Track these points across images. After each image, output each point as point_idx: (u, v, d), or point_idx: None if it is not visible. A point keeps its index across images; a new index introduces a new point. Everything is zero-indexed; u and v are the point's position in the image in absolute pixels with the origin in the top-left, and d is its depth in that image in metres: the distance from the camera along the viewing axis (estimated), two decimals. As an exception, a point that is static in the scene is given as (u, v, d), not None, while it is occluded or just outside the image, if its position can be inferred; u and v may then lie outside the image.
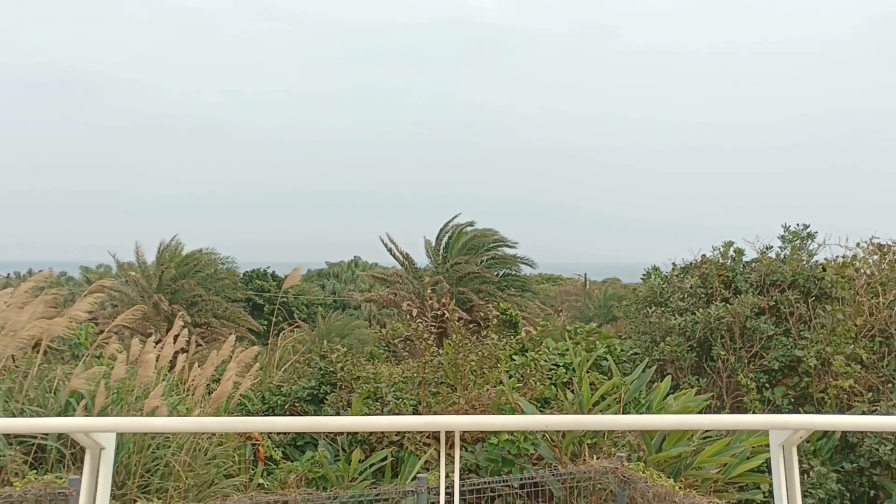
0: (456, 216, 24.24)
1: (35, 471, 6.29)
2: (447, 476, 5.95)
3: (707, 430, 8.37)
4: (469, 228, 24.40)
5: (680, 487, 6.40)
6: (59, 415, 7.07)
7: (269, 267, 38.50)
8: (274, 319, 15.72)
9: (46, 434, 6.84)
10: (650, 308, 11.29)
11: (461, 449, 8.27)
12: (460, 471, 7.86)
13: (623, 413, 8.42)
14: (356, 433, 8.46)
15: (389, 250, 23.42)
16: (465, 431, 8.41)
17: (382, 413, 8.73)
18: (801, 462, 8.79)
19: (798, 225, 11.21)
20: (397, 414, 8.56)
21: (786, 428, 2.62)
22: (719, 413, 9.18)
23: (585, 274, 46.18)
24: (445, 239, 24.12)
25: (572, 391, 9.57)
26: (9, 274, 53.06)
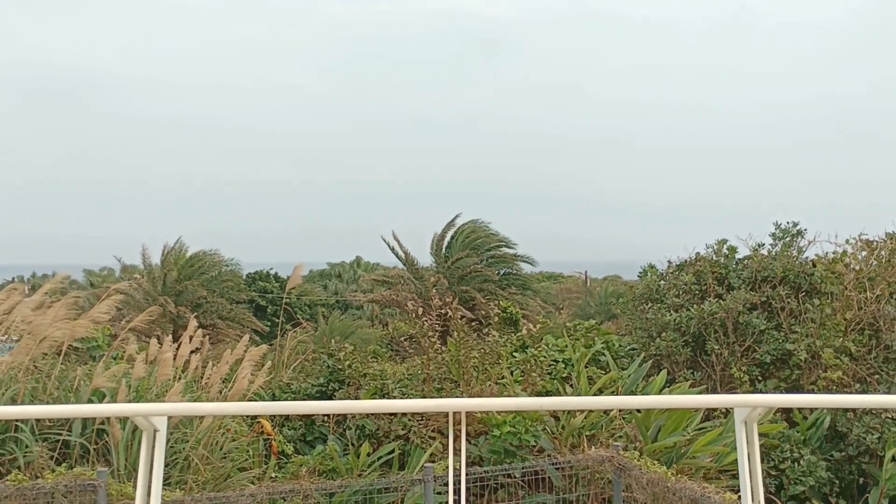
0: (457, 216, 24.62)
1: (63, 465, 6.65)
2: (455, 457, 6.33)
3: (702, 423, 8.76)
4: (471, 223, 24.76)
5: (672, 474, 6.75)
6: None
7: (271, 268, 38.86)
8: (280, 320, 16.05)
9: (71, 429, 7.20)
10: (647, 304, 11.64)
11: (465, 441, 8.62)
12: (464, 461, 8.20)
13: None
14: (364, 428, 8.83)
15: (392, 249, 23.79)
16: (468, 425, 8.80)
17: None
18: (791, 451, 9.16)
19: (788, 223, 11.58)
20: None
21: (746, 405, 2.99)
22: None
23: (586, 271, 46.54)
24: (448, 238, 24.50)
25: (571, 385, 9.93)
26: (13, 278, 53.47)
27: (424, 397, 9.48)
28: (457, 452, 6.40)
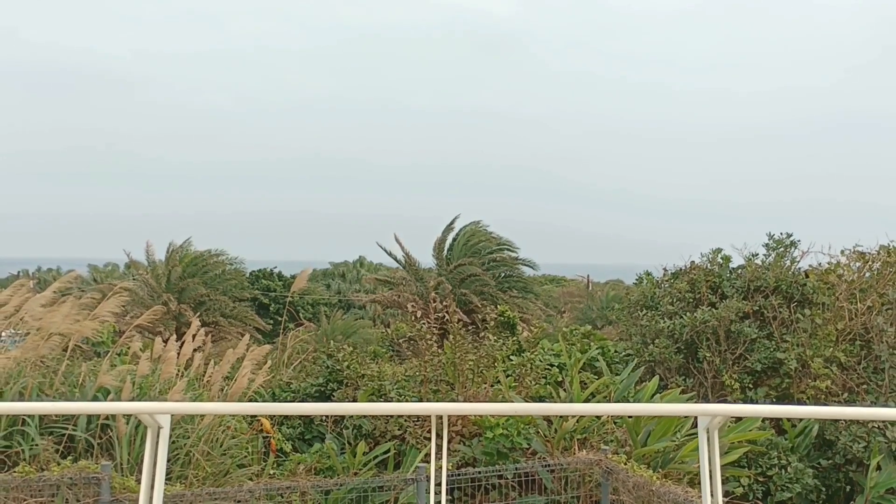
0: (456, 217, 24.82)
1: (68, 458, 6.87)
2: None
3: (692, 429, 8.96)
4: (472, 225, 24.95)
5: (657, 478, 6.96)
6: None
7: (275, 267, 39.17)
8: (283, 319, 16.28)
9: (76, 424, 7.43)
10: (641, 311, 11.85)
11: (459, 443, 8.85)
12: (458, 462, 8.43)
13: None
14: (361, 427, 9.06)
15: (390, 254, 24.00)
16: (463, 427, 9.02)
17: None
18: (779, 458, 9.36)
19: (782, 233, 11.78)
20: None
21: (707, 414, 3.22)
22: None
23: (588, 275, 46.79)
24: (449, 240, 24.69)
25: (565, 390, 10.14)
26: (18, 272, 53.89)
27: (421, 399, 9.71)
28: (441, 452, 6.62)
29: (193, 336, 9.12)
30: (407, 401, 9.55)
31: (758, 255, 11.69)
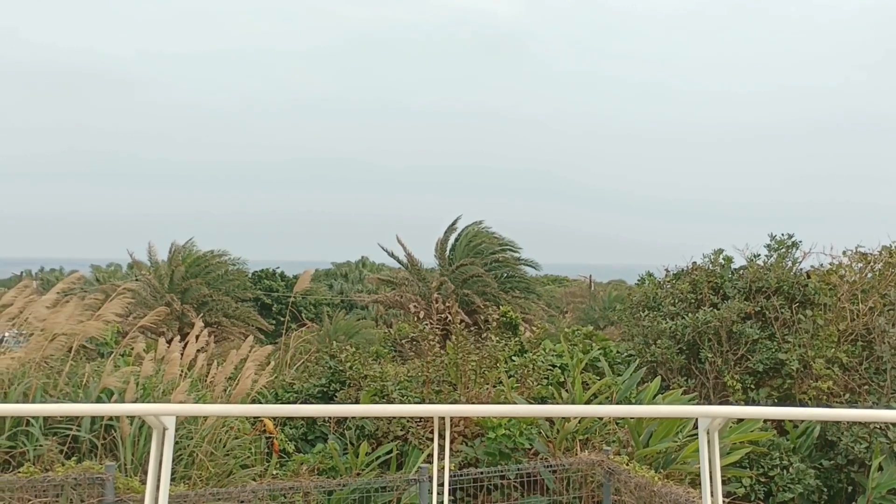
0: (458, 218, 24.86)
1: (72, 459, 6.90)
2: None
3: (694, 429, 8.98)
4: (474, 226, 24.99)
5: (659, 479, 6.98)
6: None
7: (277, 267, 39.27)
8: (286, 319, 16.31)
9: (80, 425, 7.46)
10: (643, 312, 11.87)
11: (462, 443, 8.87)
12: (461, 463, 8.46)
13: None
14: (363, 428, 9.09)
15: (391, 255, 24.05)
16: (465, 427, 9.05)
17: None
18: (781, 459, 9.38)
19: (783, 234, 11.79)
20: None
21: (707, 416, 3.26)
22: None
23: (591, 276, 46.81)
24: (451, 240, 24.73)
25: (567, 391, 10.16)
26: (21, 272, 54.04)
27: (423, 400, 9.73)
28: (443, 454, 6.65)
29: (197, 337, 9.16)
30: (409, 401, 9.58)
31: (759, 255, 11.71)
